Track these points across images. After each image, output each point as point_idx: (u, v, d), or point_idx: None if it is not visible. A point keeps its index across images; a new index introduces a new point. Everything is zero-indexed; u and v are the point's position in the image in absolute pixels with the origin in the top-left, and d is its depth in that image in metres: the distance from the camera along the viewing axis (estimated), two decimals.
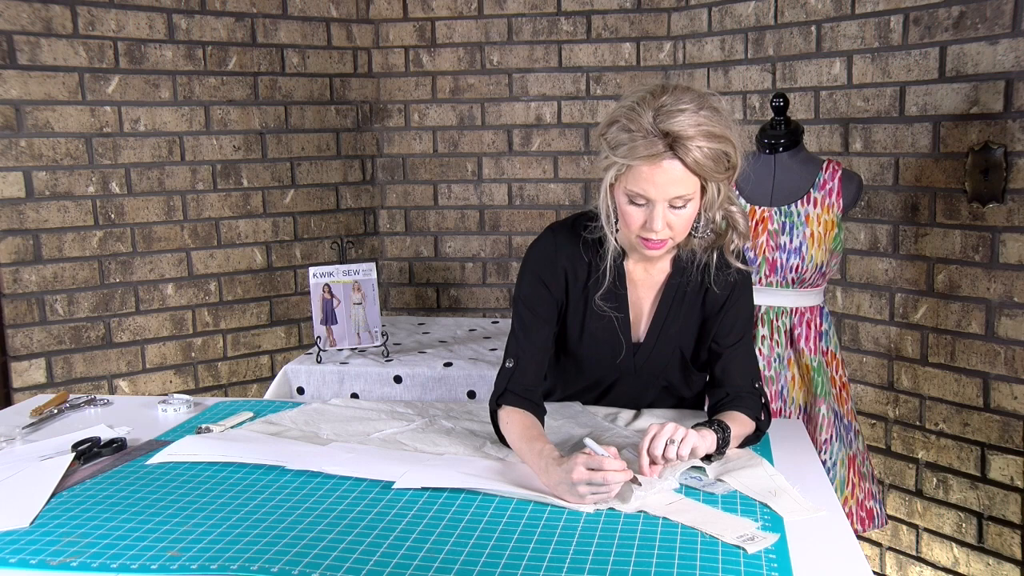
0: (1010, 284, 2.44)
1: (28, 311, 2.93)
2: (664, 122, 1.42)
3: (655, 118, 1.43)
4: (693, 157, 1.43)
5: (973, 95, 2.47)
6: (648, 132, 1.43)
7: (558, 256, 1.65)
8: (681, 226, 1.52)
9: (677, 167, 1.44)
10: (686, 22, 3.34)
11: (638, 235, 1.52)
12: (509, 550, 1.16)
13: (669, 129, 1.42)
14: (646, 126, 1.44)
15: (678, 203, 1.48)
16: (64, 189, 2.96)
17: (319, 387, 2.85)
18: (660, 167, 1.44)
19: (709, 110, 1.45)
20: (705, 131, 1.43)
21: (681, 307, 1.67)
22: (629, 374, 1.73)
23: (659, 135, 1.43)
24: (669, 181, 1.45)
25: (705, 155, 1.44)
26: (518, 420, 1.54)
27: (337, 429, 1.64)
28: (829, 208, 2.26)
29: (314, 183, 3.53)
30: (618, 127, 1.48)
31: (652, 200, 1.47)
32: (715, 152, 1.45)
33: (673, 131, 1.42)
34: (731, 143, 1.46)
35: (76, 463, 1.51)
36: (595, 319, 1.66)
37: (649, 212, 1.48)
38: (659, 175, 1.45)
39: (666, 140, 1.43)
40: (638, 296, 1.68)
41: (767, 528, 1.23)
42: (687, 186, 1.47)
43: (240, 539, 1.20)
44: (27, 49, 2.86)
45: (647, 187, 1.46)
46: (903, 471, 2.77)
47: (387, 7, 3.57)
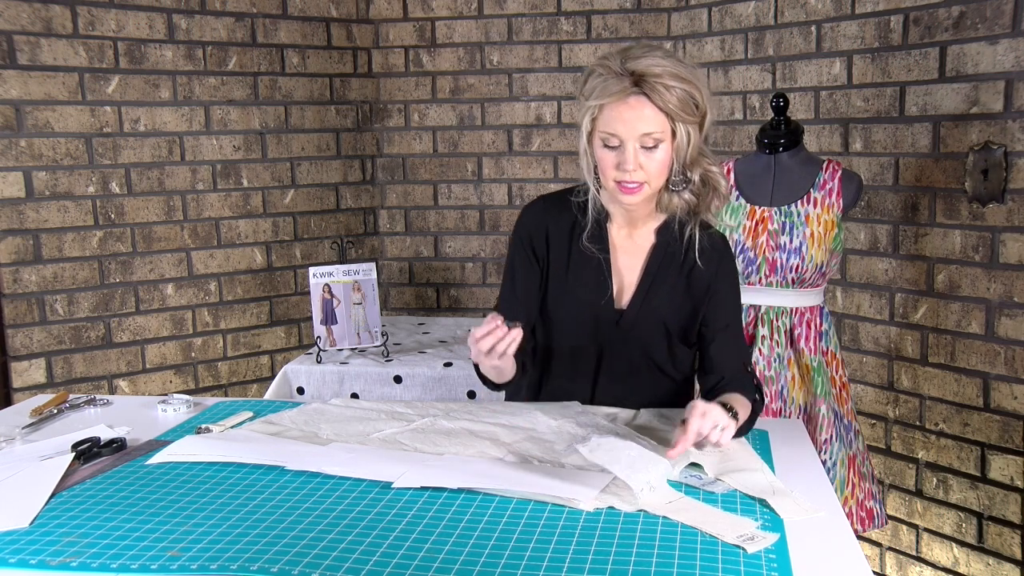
0: (1010, 284, 2.44)
1: (28, 311, 2.93)
2: (629, 62, 1.53)
3: (623, 61, 1.54)
4: (658, 93, 1.52)
5: (973, 95, 2.47)
6: (616, 72, 1.53)
7: (544, 217, 1.74)
8: (654, 170, 1.58)
9: (644, 103, 1.53)
10: (686, 22, 3.34)
11: (614, 180, 1.59)
12: (509, 550, 1.16)
13: (635, 68, 1.52)
14: (615, 68, 1.54)
15: (648, 142, 1.56)
16: (64, 189, 2.96)
17: (319, 387, 2.85)
18: (627, 104, 1.54)
19: (676, 59, 1.56)
20: (669, 72, 1.52)
21: (666, 278, 1.71)
22: (614, 344, 1.72)
23: (626, 74, 1.53)
24: (637, 118, 1.54)
25: (671, 93, 1.52)
26: None
27: (337, 429, 1.64)
28: (829, 208, 2.26)
29: (314, 183, 3.53)
30: (592, 76, 1.58)
31: (623, 139, 1.55)
32: (680, 92, 1.53)
33: (639, 70, 1.52)
34: (697, 88, 1.55)
35: (76, 463, 1.51)
36: (579, 282, 1.71)
37: (622, 153, 1.56)
38: (627, 112, 1.54)
39: (632, 78, 1.53)
40: (622, 265, 1.72)
41: (767, 528, 1.23)
42: (655, 124, 1.55)
43: (240, 539, 1.20)
44: (27, 49, 2.86)
45: (616, 125, 1.55)
46: (903, 471, 2.77)
47: (387, 7, 3.57)
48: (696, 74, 1.56)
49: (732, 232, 2.32)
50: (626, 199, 1.61)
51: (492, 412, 1.71)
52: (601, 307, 1.70)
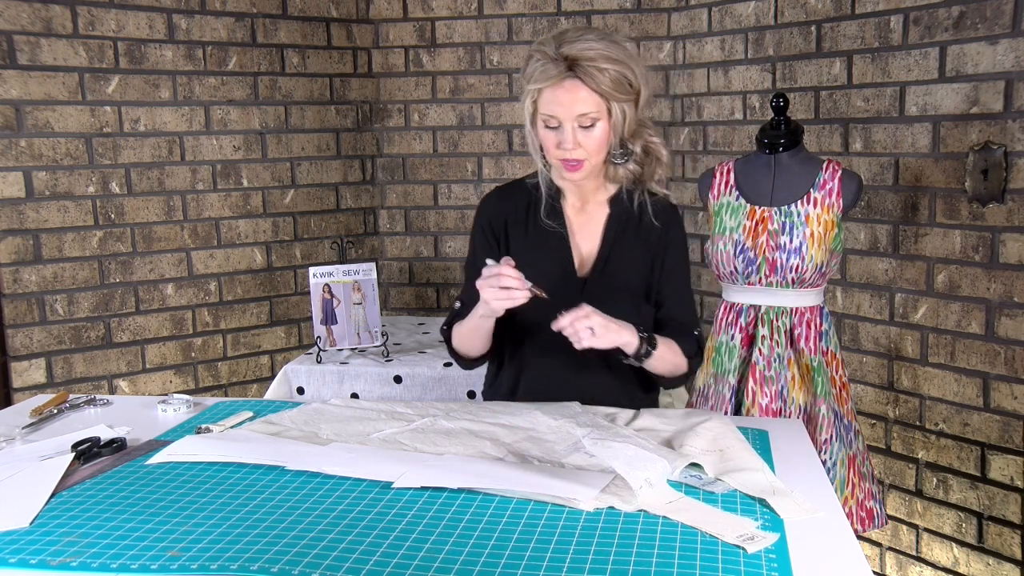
0: (1010, 284, 2.44)
1: (28, 311, 2.93)
2: (563, 46, 1.63)
3: (558, 46, 1.63)
4: (591, 76, 1.62)
5: (973, 95, 2.47)
6: (551, 57, 1.63)
7: (500, 204, 1.85)
8: (593, 146, 1.68)
9: (579, 85, 1.63)
10: (686, 22, 3.34)
11: (557, 158, 1.70)
12: (509, 550, 1.16)
13: (568, 52, 1.62)
14: (550, 53, 1.64)
15: (586, 122, 1.65)
16: (64, 189, 2.96)
17: (319, 387, 2.85)
18: (563, 87, 1.63)
19: (609, 41, 1.65)
20: (601, 54, 1.62)
21: (624, 243, 1.80)
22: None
23: (560, 58, 1.62)
24: (572, 100, 1.63)
25: (603, 74, 1.62)
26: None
27: (337, 429, 1.64)
28: (829, 208, 2.26)
29: (314, 183, 3.53)
30: (531, 61, 1.68)
31: (561, 120, 1.65)
32: (613, 73, 1.63)
33: (571, 54, 1.61)
34: (630, 68, 1.65)
35: (76, 463, 1.51)
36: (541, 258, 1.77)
37: (561, 133, 1.66)
38: (563, 95, 1.63)
39: (566, 62, 1.62)
40: (580, 237, 1.81)
41: (767, 528, 1.23)
42: (590, 105, 1.64)
43: (240, 539, 1.20)
44: (27, 49, 2.86)
45: (554, 107, 1.65)
46: (903, 471, 2.77)
47: (387, 7, 3.57)
48: (628, 54, 1.66)
49: (732, 232, 2.32)
50: (570, 176, 1.73)
51: (492, 412, 1.71)
52: (564, 279, 1.77)
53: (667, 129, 3.46)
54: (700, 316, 3.45)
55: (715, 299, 2.84)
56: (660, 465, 1.38)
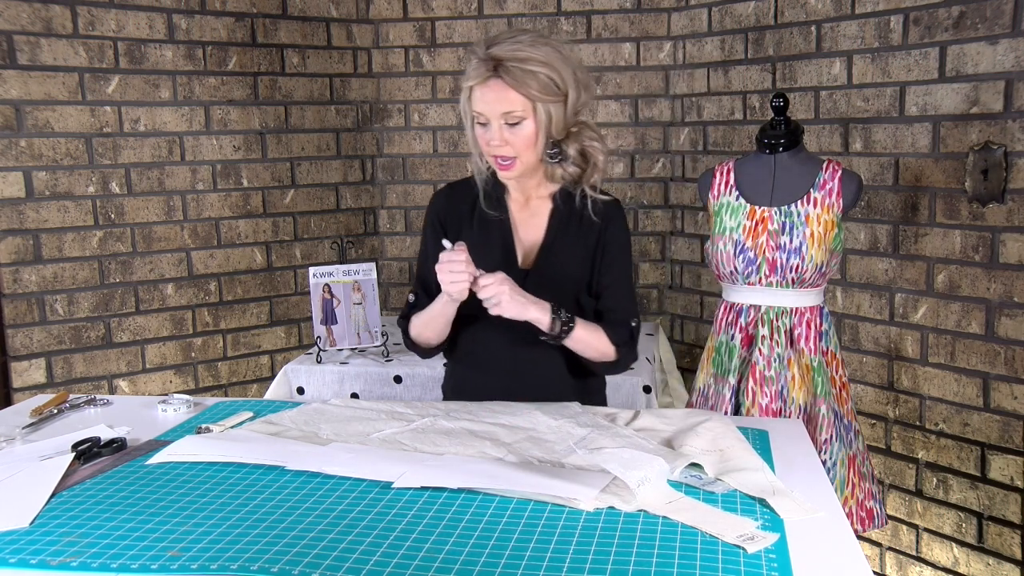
0: (1010, 284, 2.44)
1: (28, 311, 2.93)
2: (492, 47, 1.70)
3: (487, 47, 1.71)
4: (514, 76, 1.68)
5: (973, 95, 2.47)
6: (480, 58, 1.71)
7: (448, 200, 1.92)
8: (520, 144, 1.74)
9: (502, 85, 1.69)
10: (686, 22, 3.34)
11: (489, 155, 1.77)
12: (509, 550, 1.16)
13: (493, 53, 1.69)
14: (479, 53, 1.72)
15: (511, 120, 1.72)
16: (64, 189, 2.96)
17: (319, 387, 2.85)
18: (488, 86, 1.71)
19: (538, 44, 1.71)
20: (525, 56, 1.68)
21: (566, 236, 1.85)
22: None
23: (487, 59, 1.70)
24: (496, 99, 1.70)
25: (527, 75, 1.68)
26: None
27: (337, 429, 1.64)
28: (829, 208, 2.26)
29: (314, 183, 3.53)
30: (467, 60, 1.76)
31: (488, 117, 1.73)
32: (537, 75, 1.69)
33: (496, 55, 1.69)
34: (556, 71, 1.70)
35: (76, 463, 1.51)
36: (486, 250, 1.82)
37: (489, 130, 1.74)
38: (488, 93, 1.71)
39: (492, 63, 1.69)
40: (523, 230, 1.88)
41: (767, 528, 1.23)
42: (514, 104, 1.70)
43: (240, 539, 1.20)
44: (27, 49, 2.86)
45: (481, 105, 1.73)
46: (903, 471, 2.77)
47: (387, 7, 3.57)
48: (556, 56, 1.71)
49: (732, 232, 2.32)
50: (502, 173, 1.80)
51: (492, 412, 1.71)
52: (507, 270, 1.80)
53: (667, 129, 3.47)
54: (700, 316, 3.46)
55: (715, 299, 2.84)
56: (657, 464, 1.38)
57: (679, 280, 3.52)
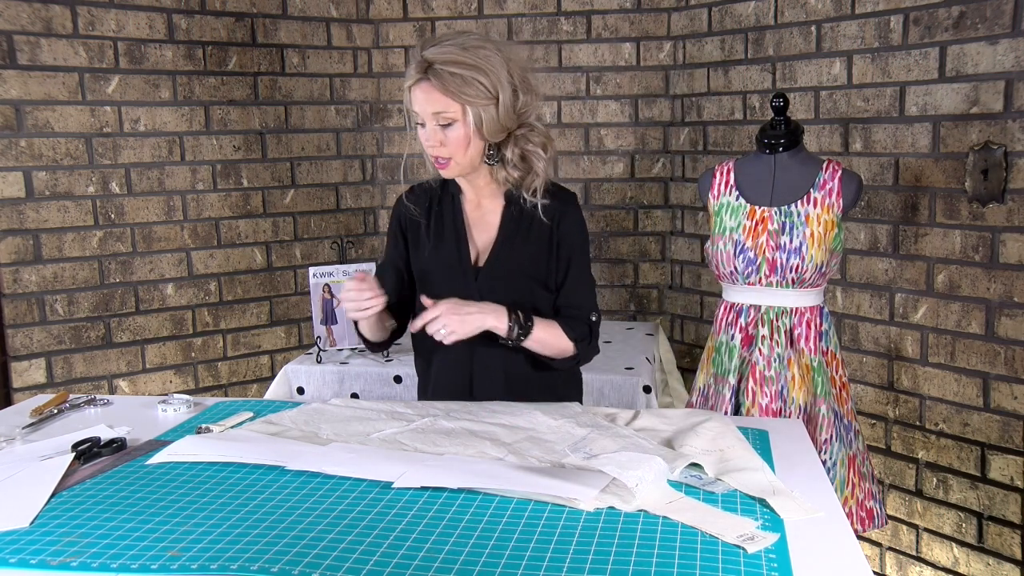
0: (1010, 284, 2.44)
1: (28, 311, 2.93)
2: (425, 50, 1.74)
3: (421, 49, 1.74)
4: (441, 79, 1.71)
5: (973, 95, 2.47)
6: (416, 60, 1.75)
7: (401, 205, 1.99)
8: (454, 145, 1.78)
9: (431, 87, 1.73)
10: (686, 22, 3.34)
11: (429, 155, 1.83)
12: (509, 550, 1.16)
13: (424, 56, 1.73)
14: (415, 56, 1.75)
15: (442, 120, 1.76)
16: (64, 189, 2.97)
17: (319, 387, 2.85)
18: (420, 87, 1.75)
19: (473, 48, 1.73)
20: (453, 59, 1.71)
21: (519, 233, 1.89)
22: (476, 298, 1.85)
23: (420, 62, 1.74)
24: (427, 100, 1.74)
25: (454, 78, 1.71)
26: None
27: (337, 429, 1.64)
28: (829, 208, 2.26)
29: (314, 183, 3.53)
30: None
31: (422, 117, 1.77)
32: (464, 77, 1.71)
33: (427, 58, 1.73)
34: (484, 73, 1.72)
35: (76, 463, 1.51)
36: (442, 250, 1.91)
37: (425, 131, 1.79)
38: (419, 94, 1.75)
39: (424, 65, 1.73)
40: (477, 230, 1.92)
41: (767, 528, 1.23)
42: (443, 105, 1.74)
43: (240, 539, 1.20)
44: (27, 49, 2.86)
45: (415, 106, 1.77)
46: (903, 471, 2.77)
47: (387, 7, 3.57)
48: (490, 59, 1.73)
49: (732, 232, 2.32)
50: (442, 173, 1.85)
51: (492, 412, 1.71)
52: (460, 269, 1.89)
53: (667, 129, 3.47)
54: (700, 316, 3.46)
55: (715, 299, 2.84)
56: (655, 464, 1.38)
57: (679, 280, 3.52)
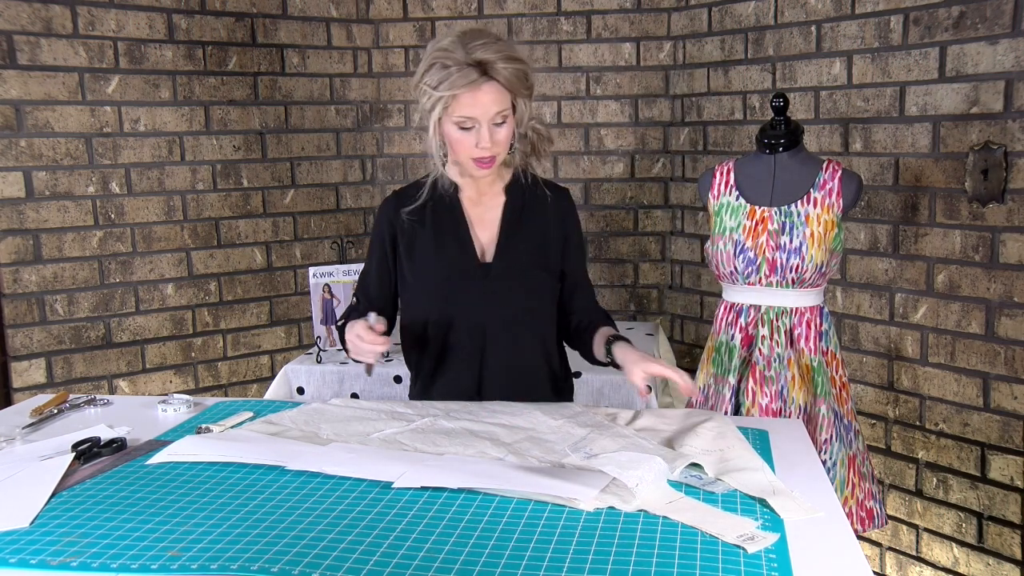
0: (1010, 284, 2.44)
1: (28, 311, 2.93)
2: (474, 53, 1.70)
3: (467, 52, 1.70)
4: (504, 76, 1.72)
5: (973, 95, 2.47)
6: (463, 63, 1.70)
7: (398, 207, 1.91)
8: (503, 142, 1.78)
9: (494, 87, 1.72)
10: (686, 22, 3.34)
11: (471, 157, 1.77)
12: (509, 550, 1.16)
13: (480, 58, 1.70)
14: (461, 59, 1.70)
15: (498, 119, 1.75)
16: (64, 189, 2.96)
17: (319, 387, 2.85)
18: (480, 90, 1.72)
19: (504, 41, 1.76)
20: (507, 55, 1.72)
21: (522, 225, 1.89)
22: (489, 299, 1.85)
23: (473, 64, 1.70)
24: (490, 101, 1.73)
25: (512, 73, 1.72)
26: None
27: (337, 429, 1.64)
28: (829, 208, 2.26)
29: (314, 183, 3.53)
30: (436, 68, 1.74)
31: (478, 121, 1.73)
32: (518, 71, 1.74)
33: (484, 58, 1.70)
34: (527, 64, 1.77)
35: (76, 463, 1.51)
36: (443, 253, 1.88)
37: (477, 133, 1.74)
38: (481, 96, 1.72)
39: (480, 67, 1.70)
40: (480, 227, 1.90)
41: (767, 528, 1.23)
42: (503, 103, 1.74)
43: (240, 539, 1.20)
44: (27, 49, 2.86)
45: (472, 110, 1.72)
46: (903, 471, 2.77)
47: (387, 7, 3.57)
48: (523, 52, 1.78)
49: (732, 232, 2.32)
50: (481, 172, 1.81)
51: (492, 412, 1.71)
52: (468, 268, 1.86)
53: (667, 129, 3.47)
54: (700, 316, 3.46)
55: (715, 299, 2.84)
56: (655, 464, 1.38)
57: (679, 280, 3.52)
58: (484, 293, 1.85)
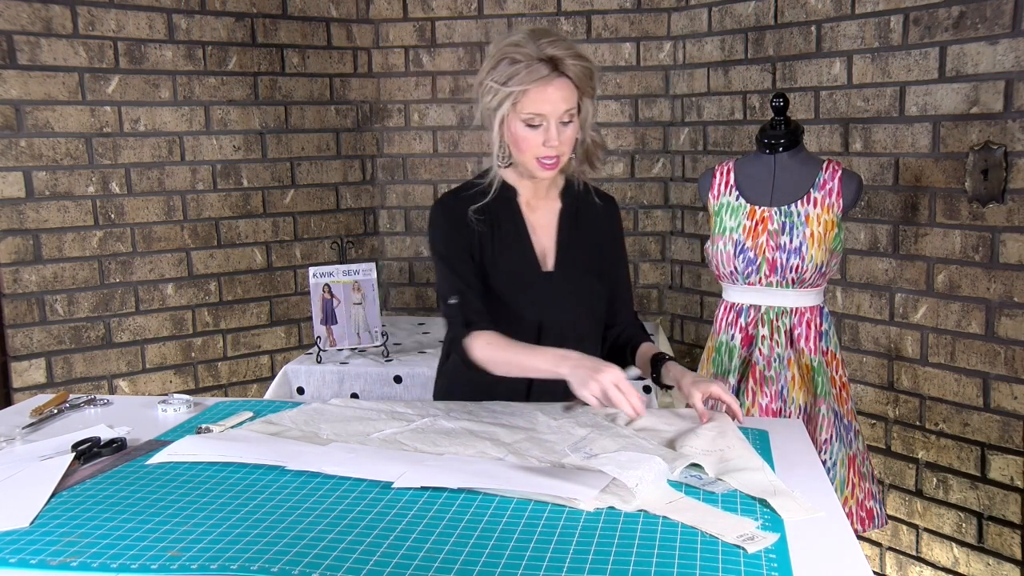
0: (1010, 284, 2.44)
1: (28, 311, 2.93)
2: (546, 48, 1.68)
3: (538, 47, 1.68)
4: (574, 72, 1.70)
5: (973, 95, 2.47)
6: (534, 58, 1.68)
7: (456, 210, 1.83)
8: (569, 142, 1.75)
9: (564, 83, 1.70)
10: (686, 22, 3.34)
11: (536, 157, 1.74)
12: (509, 550, 1.16)
13: (552, 53, 1.68)
14: (532, 54, 1.68)
15: (566, 118, 1.72)
16: (64, 189, 2.96)
17: (319, 387, 2.85)
18: (552, 85, 1.69)
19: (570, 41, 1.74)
20: (576, 53, 1.71)
21: (579, 232, 1.87)
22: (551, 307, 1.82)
23: (545, 59, 1.68)
24: (560, 97, 1.70)
25: (581, 71, 1.71)
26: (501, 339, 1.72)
27: (337, 429, 1.64)
28: (829, 208, 2.26)
29: (314, 183, 3.53)
30: (504, 63, 1.70)
31: (547, 118, 1.70)
32: (586, 69, 1.72)
33: (555, 54, 1.68)
34: (593, 63, 1.75)
35: (76, 463, 1.51)
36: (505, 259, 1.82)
37: (546, 131, 1.71)
38: (552, 92, 1.69)
39: (551, 63, 1.68)
40: (538, 232, 1.86)
41: (767, 528, 1.23)
42: (571, 101, 1.72)
43: (240, 539, 1.20)
44: (27, 49, 2.86)
45: (542, 106, 1.69)
46: (903, 471, 2.77)
47: (387, 7, 3.57)
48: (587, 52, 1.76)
49: (732, 232, 2.32)
50: (545, 173, 1.77)
51: (492, 412, 1.71)
52: (530, 275, 1.83)
53: (667, 129, 3.47)
54: (700, 316, 3.46)
55: (715, 299, 2.84)
56: (654, 463, 1.38)
57: (679, 280, 3.52)
58: (545, 299, 1.82)
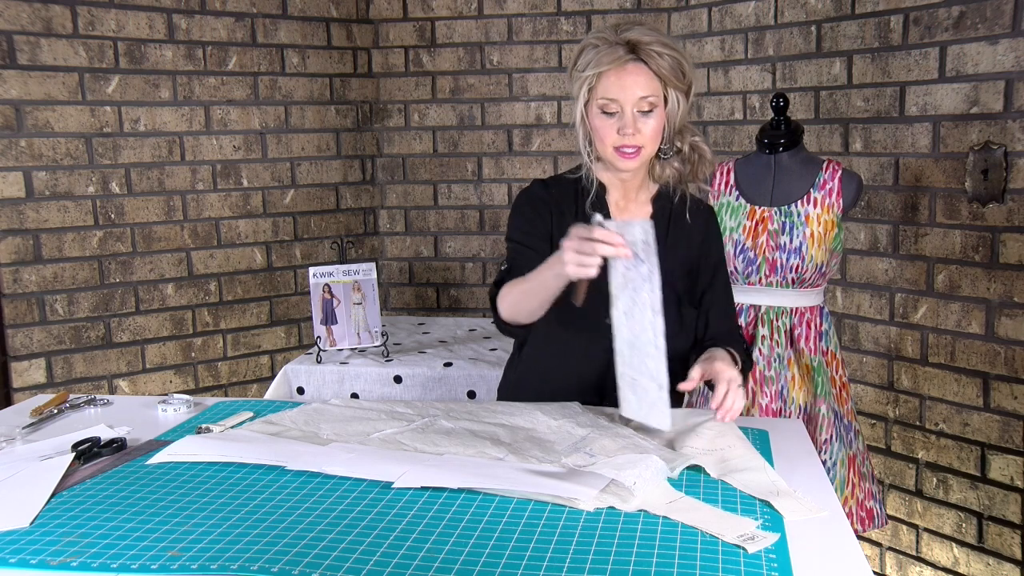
0: (1010, 284, 2.44)
1: (28, 311, 2.93)
2: (624, 32, 1.66)
3: (617, 32, 1.67)
4: (652, 59, 1.65)
5: (973, 95, 2.47)
6: (612, 42, 1.65)
7: (545, 195, 1.79)
8: (650, 134, 1.69)
9: (640, 68, 1.65)
10: (686, 22, 3.34)
11: (613, 147, 1.68)
12: (509, 550, 1.16)
13: (629, 37, 1.65)
14: (610, 38, 1.66)
15: (645, 106, 1.66)
16: (64, 189, 2.96)
17: (319, 387, 2.85)
18: (625, 69, 1.65)
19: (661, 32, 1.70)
20: (659, 40, 1.66)
21: (666, 242, 1.77)
22: None
23: (622, 43, 1.65)
24: (634, 83, 1.65)
25: (663, 59, 1.65)
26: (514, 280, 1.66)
27: (337, 429, 1.64)
28: (829, 208, 2.26)
29: (314, 183, 3.53)
30: (586, 50, 1.68)
31: (622, 104, 1.66)
32: (671, 59, 1.66)
33: (633, 38, 1.65)
34: (684, 57, 1.68)
35: (76, 463, 1.51)
36: None
37: (621, 119, 1.66)
38: (625, 77, 1.65)
39: (628, 46, 1.65)
40: None
41: (767, 528, 1.23)
42: (650, 88, 1.66)
43: (240, 539, 1.20)
44: (27, 49, 2.86)
45: (615, 90, 1.65)
46: (903, 471, 2.77)
47: (387, 7, 3.57)
48: (681, 46, 1.69)
49: (732, 232, 2.32)
50: (624, 164, 1.70)
51: (492, 412, 1.71)
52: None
53: None
54: None
55: None
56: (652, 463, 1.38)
57: None
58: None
